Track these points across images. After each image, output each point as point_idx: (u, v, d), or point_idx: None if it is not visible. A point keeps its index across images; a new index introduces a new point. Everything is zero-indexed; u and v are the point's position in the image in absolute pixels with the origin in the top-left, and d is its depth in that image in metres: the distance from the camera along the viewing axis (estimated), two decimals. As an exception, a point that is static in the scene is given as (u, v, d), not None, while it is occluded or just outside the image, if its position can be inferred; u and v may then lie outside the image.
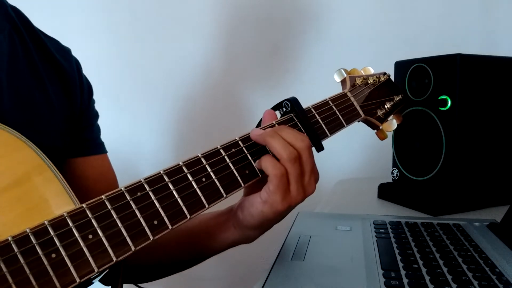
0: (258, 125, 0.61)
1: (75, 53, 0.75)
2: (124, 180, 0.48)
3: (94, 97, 0.77)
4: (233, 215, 0.62)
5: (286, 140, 0.55)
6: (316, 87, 1.30)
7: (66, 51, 0.72)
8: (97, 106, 0.78)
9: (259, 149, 0.57)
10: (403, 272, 0.55)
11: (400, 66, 0.97)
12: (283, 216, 0.59)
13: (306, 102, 0.64)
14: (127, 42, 1.43)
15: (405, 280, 0.53)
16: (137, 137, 1.46)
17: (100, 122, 0.79)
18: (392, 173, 1.00)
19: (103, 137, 0.79)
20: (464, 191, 0.89)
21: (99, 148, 0.76)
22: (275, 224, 0.61)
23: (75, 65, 0.72)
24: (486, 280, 0.53)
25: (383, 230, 0.73)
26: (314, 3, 1.38)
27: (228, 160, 0.54)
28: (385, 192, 1.01)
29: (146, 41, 1.43)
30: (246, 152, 0.56)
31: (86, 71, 0.76)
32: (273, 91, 1.41)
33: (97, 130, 0.77)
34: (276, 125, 0.60)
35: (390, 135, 0.84)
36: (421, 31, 1.33)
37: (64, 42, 0.74)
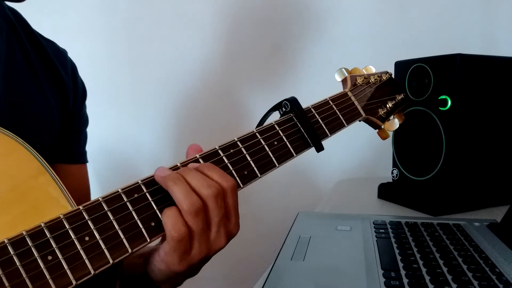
0: (258, 125, 0.61)
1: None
2: (123, 180, 0.47)
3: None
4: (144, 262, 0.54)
5: (191, 185, 0.47)
6: (316, 87, 1.31)
7: (62, 54, 0.72)
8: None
9: None
10: (403, 272, 0.55)
11: (400, 66, 0.97)
12: (191, 273, 0.51)
13: (307, 102, 0.64)
14: (127, 42, 1.43)
15: (405, 280, 0.53)
16: (136, 137, 1.46)
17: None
18: (392, 173, 1.00)
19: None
20: (464, 191, 0.89)
21: (82, 158, 0.75)
22: (189, 277, 0.52)
23: (70, 68, 0.72)
24: (486, 280, 0.53)
25: (383, 230, 0.72)
26: (314, 4, 1.38)
27: (226, 161, 0.54)
28: (385, 192, 1.01)
29: (145, 41, 1.43)
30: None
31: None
32: (273, 91, 1.41)
33: (84, 138, 0.76)
34: (276, 125, 0.59)
35: (391, 134, 0.83)
36: (421, 31, 1.32)
37: (63, 42, 0.74)
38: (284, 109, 0.63)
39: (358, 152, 1.38)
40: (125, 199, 0.45)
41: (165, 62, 1.44)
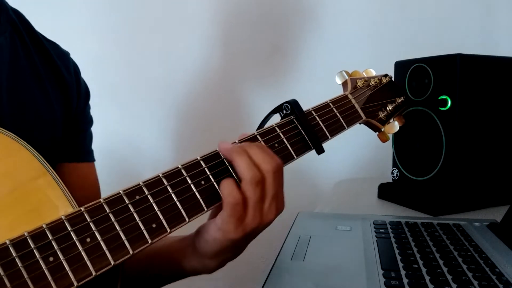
0: (259, 127, 0.61)
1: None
2: (123, 181, 0.48)
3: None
4: (192, 240, 0.58)
5: (253, 159, 0.52)
6: (316, 87, 1.31)
7: (65, 55, 0.72)
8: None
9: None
10: (403, 272, 0.56)
11: (400, 66, 0.97)
12: (242, 245, 0.55)
13: (306, 101, 0.64)
14: (126, 42, 1.43)
15: (405, 280, 0.53)
16: (136, 137, 1.46)
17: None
18: (392, 173, 1.00)
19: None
20: (464, 191, 0.89)
21: (88, 156, 0.75)
22: (235, 254, 0.57)
23: (73, 69, 0.71)
24: (486, 280, 0.53)
25: (383, 230, 0.72)
26: (314, 3, 1.38)
27: (226, 163, 0.54)
28: (385, 192, 1.01)
29: (145, 41, 1.43)
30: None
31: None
32: (272, 91, 1.41)
33: (90, 137, 0.76)
34: (277, 127, 0.60)
35: (391, 137, 0.83)
36: (421, 31, 1.32)
37: (64, 42, 0.74)
38: (285, 112, 0.63)
39: (358, 152, 1.38)
40: (127, 201, 0.45)
41: (165, 62, 1.43)
